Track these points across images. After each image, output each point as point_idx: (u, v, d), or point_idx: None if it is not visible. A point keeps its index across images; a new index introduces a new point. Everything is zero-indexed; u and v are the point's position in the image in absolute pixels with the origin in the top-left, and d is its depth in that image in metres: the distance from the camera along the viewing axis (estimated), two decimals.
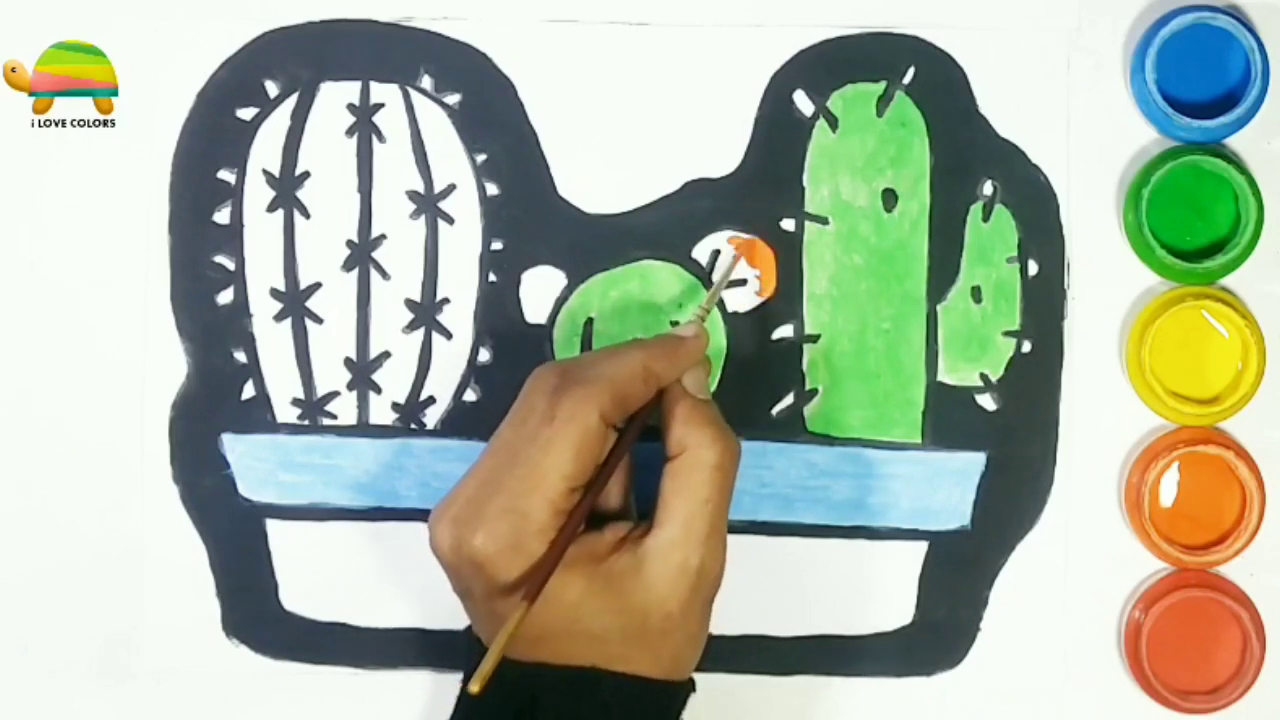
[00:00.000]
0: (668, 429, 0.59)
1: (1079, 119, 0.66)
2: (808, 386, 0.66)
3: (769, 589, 0.66)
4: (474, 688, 0.54)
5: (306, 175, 0.66)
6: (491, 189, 0.66)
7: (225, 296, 0.66)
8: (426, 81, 0.66)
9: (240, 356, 0.66)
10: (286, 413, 0.66)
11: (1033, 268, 0.66)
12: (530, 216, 0.66)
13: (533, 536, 0.56)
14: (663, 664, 0.58)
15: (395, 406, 0.66)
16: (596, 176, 0.66)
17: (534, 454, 0.57)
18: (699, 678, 0.60)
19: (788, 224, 0.66)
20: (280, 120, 0.66)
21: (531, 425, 0.57)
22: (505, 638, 0.55)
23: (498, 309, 0.66)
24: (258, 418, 0.66)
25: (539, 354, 0.66)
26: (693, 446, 0.59)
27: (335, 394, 0.66)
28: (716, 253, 0.66)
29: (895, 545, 0.66)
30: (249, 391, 0.66)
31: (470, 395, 0.66)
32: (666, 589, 0.57)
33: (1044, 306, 0.66)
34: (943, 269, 0.66)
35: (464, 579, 0.57)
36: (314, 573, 0.66)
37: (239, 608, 0.66)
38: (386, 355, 0.66)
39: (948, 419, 0.66)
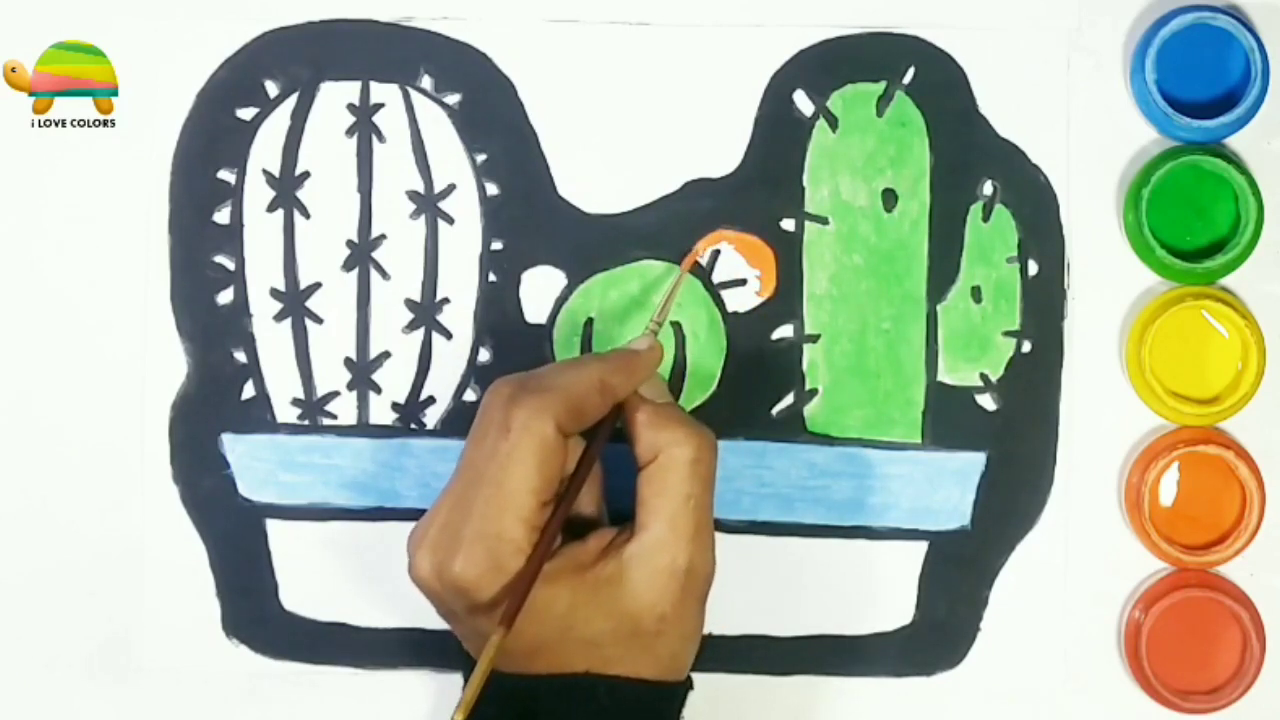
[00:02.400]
0: (635, 437, 0.59)
1: (1079, 119, 0.66)
2: (808, 386, 0.66)
3: (769, 589, 0.66)
4: (459, 716, 0.54)
5: (306, 175, 0.66)
6: (491, 189, 0.66)
7: (225, 296, 0.66)
8: (426, 81, 0.66)
9: (240, 356, 0.66)
10: (286, 413, 0.66)
11: (1033, 268, 0.66)
12: (530, 216, 0.66)
13: (511, 556, 0.56)
14: (661, 664, 0.58)
15: (395, 406, 0.66)
16: (596, 176, 0.66)
17: (496, 472, 0.56)
18: (698, 678, 0.60)
19: (788, 224, 0.66)
20: (280, 120, 0.66)
21: (490, 440, 0.57)
22: (487, 664, 0.54)
23: (498, 309, 0.66)
24: (258, 418, 0.66)
25: (539, 354, 0.66)
26: (666, 446, 0.58)
27: (335, 394, 0.66)
28: (717, 253, 0.66)
29: (895, 545, 0.66)
30: (249, 391, 0.66)
31: (470, 395, 0.66)
32: (657, 591, 0.57)
33: (1044, 306, 0.66)
34: (943, 269, 0.66)
35: (447, 603, 0.57)
36: (314, 573, 0.66)
37: (239, 608, 0.66)
38: (386, 355, 0.66)
39: (948, 419, 0.66)
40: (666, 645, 0.58)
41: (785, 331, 0.66)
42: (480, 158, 0.66)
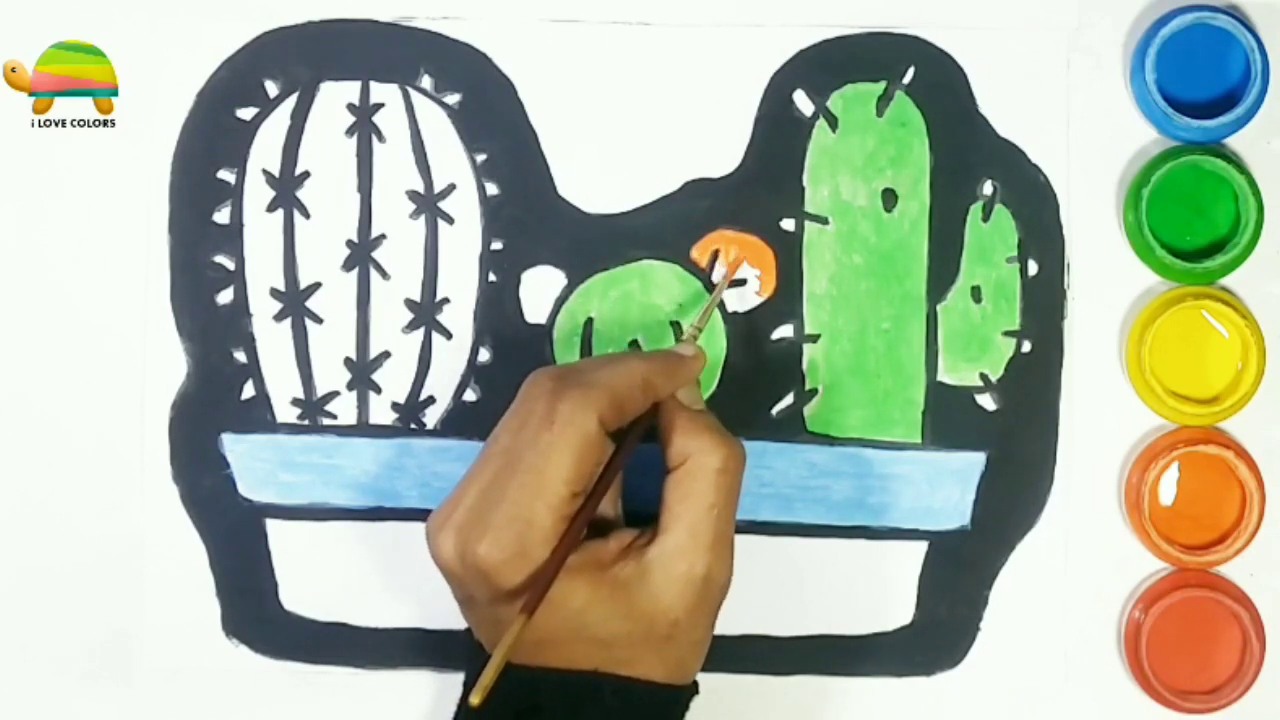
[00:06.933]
0: (668, 441, 0.59)
1: (1079, 119, 0.66)
2: (808, 386, 0.66)
3: (769, 589, 0.66)
4: (475, 699, 0.54)
5: (306, 175, 0.66)
6: (491, 189, 0.66)
7: (225, 296, 0.66)
8: (426, 81, 0.66)
9: (240, 356, 0.66)
10: (286, 413, 0.66)
11: (1033, 268, 0.66)
12: (530, 216, 0.66)
13: (538, 544, 0.56)
14: (667, 667, 0.58)
15: (395, 406, 0.66)
16: (596, 176, 0.66)
17: (535, 460, 0.56)
18: (700, 678, 0.60)
19: (788, 224, 0.66)
20: (280, 120, 0.66)
21: (531, 429, 0.57)
22: (505, 650, 0.54)
23: (498, 309, 0.66)
24: (258, 418, 0.66)
25: (539, 354, 0.66)
26: (695, 454, 0.58)
27: (335, 394, 0.66)
28: (716, 253, 0.66)
29: (895, 545, 0.66)
30: (249, 391, 0.66)
31: (470, 395, 0.66)
32: (673, 596, 0.57)
33: (1044, 306, 0.66)
34: (943, 269, 0.66)
35: (467, 586, 0.57)
36: (314, 573, 0.66)
37: (239, 608, 0.66)
38: (386, 355, 0.66)
39: (948, 419, 0.66)
40: (675, 650, 0.58)
41: (785, 331, 0.66)
42: (480, 158, 0.66)
